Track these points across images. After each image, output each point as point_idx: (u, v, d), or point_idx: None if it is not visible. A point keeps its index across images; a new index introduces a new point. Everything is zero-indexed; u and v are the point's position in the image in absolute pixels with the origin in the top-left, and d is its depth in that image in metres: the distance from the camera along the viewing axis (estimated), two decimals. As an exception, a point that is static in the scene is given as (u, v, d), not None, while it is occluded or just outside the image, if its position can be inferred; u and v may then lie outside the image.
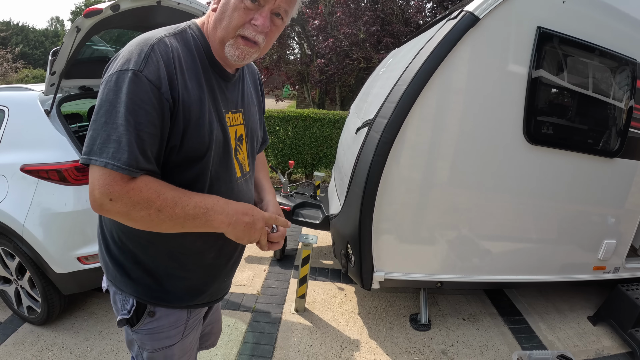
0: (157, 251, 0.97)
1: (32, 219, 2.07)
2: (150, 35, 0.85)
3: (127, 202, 0.78)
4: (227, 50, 0.89)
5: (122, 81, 0.77)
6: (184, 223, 0.84)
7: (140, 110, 0.77)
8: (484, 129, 2.16)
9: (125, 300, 1.02)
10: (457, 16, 2.04)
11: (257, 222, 0.93)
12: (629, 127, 2.35)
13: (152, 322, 1.03)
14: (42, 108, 2.21)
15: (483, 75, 2.11)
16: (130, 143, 0.77)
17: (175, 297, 1.02)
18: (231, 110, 1.00)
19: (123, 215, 0.80)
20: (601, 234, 2.55)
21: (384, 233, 2.24)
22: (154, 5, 2.22)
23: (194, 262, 1.01)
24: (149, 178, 0.81)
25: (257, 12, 0.86)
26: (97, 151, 0.77)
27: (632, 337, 2.41)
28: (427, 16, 8.83)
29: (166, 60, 0.82)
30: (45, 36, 39.91)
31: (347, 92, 10.70)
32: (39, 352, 2.17)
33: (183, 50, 0.87)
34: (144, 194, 0.79)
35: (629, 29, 2.30)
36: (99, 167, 0.77)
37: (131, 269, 0.99)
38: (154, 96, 0.79)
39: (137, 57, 0.79)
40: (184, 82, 0.85)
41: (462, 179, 2.22)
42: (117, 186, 0.77)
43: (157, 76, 0.79)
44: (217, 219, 0.86)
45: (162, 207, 0.80)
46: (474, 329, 2.60)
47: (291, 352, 2.29)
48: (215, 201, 0.87)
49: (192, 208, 0.83)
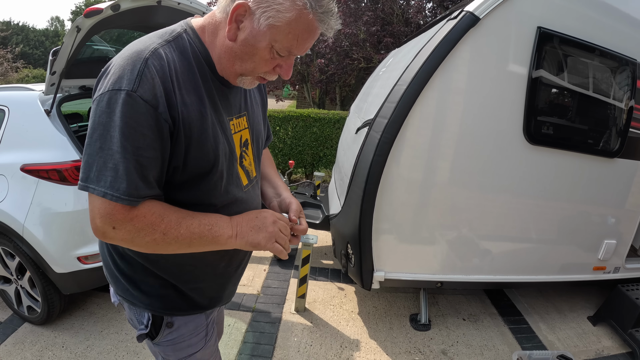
0: (167, 264, 0.94)
1: (32, 219, 2.07)
2: (142, 46, 0.77)
3: (131, 230, 0.76)
4: (240, 80, 0.87)
5: (114, 103, 0.72)
6: (190, 242, 0.81)
7: (136, 134, 0.72)
8: (484, 129, 2.16)
9: (140, 314, 1.00)
10: (457, 16, 2.04)
11: (266, 220, 0.89)
12: (629, 127, 2.35)
13: (171, 332, 1.01)
14: (42, 108, 2.21)
15: (483, 75, 2.10)
16: (128, 171, 0.73)
17: (189, 305, 1.01)
18: (235, 116, 0.95)
19: (127, 242, 0.79)
20: (601, 234, 2.55)
21: (384, 233, 2.24)
22: (154, 5, 2.22)
23: (205, 273, 1.00)
24: (151, 202, 0.79)
25: (283, 60, 0.83)
26: (94, 179, 0.73)
27: (632, 337, 2.41)
28: (427, 16, 8.83)
29: (162, 76, 0.75)
30: (45, 36, 39.92)
31: (347, 92, 10.70)
32: (39, 352, 2.17)
33: (180, 60, 0.81)
34: (148, 219, 0.77)
35: (629, 29, 2.30)
36: (101, 198, 0.74)
37: (142, 281, 0.96)
38: (151, 117, 0.73)
39: (130, 74, 0.72)
40: (182, 98, 0.79)
41: (462, 179, 2.22)
42: (119, 215, 0.75)
43: (153, 95, 0.73)
44: (222, 232, 0.84)
45: (166, 229, 0.78)
46: (474, 329, 2.60)
47: (291, 352, 2.29)
48: (218, 217, 0.86)
49: (197, 225, 0.81)
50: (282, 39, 0.77)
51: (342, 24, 9.49)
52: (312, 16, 0.76)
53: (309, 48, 0.84)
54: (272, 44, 0.78)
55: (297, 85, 10.84)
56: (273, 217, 0.90)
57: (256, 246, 0.87)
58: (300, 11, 0.74)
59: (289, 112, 5.76)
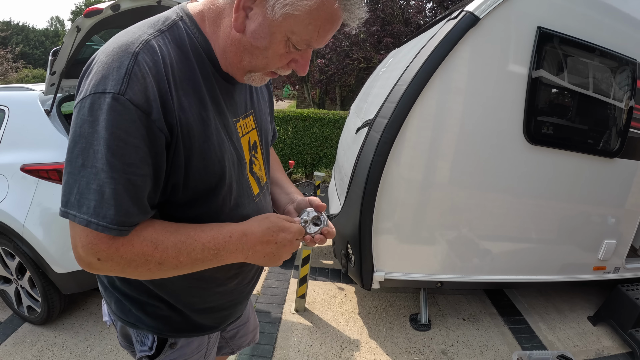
0: (173, 287, 0.84)
1: (32, 219, 2.07)
2: (131, 38, 0.64)
3: (119, 261, 0.65)
4: (249, 77, 0.75)
5: (98, 109, 0.59)
6: (192, 268, 0.71)
7: (126, 147, 0.60)
8: (484, 129, 2.16)
9: (142, 335, 0.91)
10: (457, 16, 2.04)
11: (283, 249, 0.78)
12: (629, 127, 2.35)
13: (173, 352, 0.93)
14: (42, 108, 2.21)
15: (483, 75, 2.11)
16: (116, 193, 0.60)
17: (197, 327, 0.93)
18: (241, 116, 0.83)
19: (118, 272, 0.67)
20: (601, 234, 2.55)
21: (384, 233, 2.24)
22: (154, 5, 2.22)
23: (214, 292, 0.90)
24: (141, 226, 0.66)
25: (299, 54, 0.71)
26: (75, 203, 0.61)
27: (632, 337, 2.41)
28: (427, 16, 8.83)
29: (156, 75, 0.62)
30: (45, 36, 39.95)
31: (347, 92, 10.71)
32: (39, 352, 2.17)
33: (176, 54, 0.67)
34: (138, 248, 0.65)
35: (629, 29, 2.30)
36: (85, 228, 0.62)
37: (147, 304, 0.86)
38: (143, 125, 0.61)
39: (116, 73, 0.59)
40: (180, 101, 0.66)
41: (462, 179, 2.22)
42: (103, 245, 0.63)
43: (145, 98, 0.60)
44: (230, 257, 0.73)
45: (163, 259, 0.67)
46: (474, 329, 2.60)
47: (291, 352, 2.29)
48: (227, 237, 0.72)
49: (200, 252, 0.69)
50: (300, 30, 0.65)
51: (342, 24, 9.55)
52: (337, 5, 0.64)
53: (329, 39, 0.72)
54: (289, 36, 0.66)
55: (297, 85, 10.85)
56: (290, 244, 0.79)
57: (260, 265, 0.82)
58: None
59: (289, 112, 5.76)
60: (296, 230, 0.79)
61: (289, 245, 0.78)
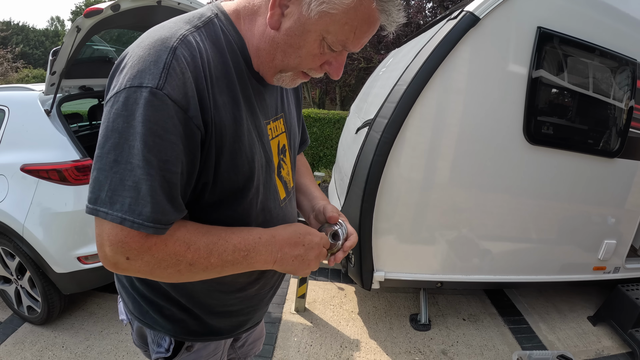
0: (192, 289, 0.83)
1: (32, 219, 2.07)
2: (168, 33, 0.62)
3: (149, 260, 0.62)
4: (279, 78, 0.73)
5: (134, 103, 0.57)
6: (221, 271, 0.70)
7: (164, 143, 0.58)
8: (484, 129, 2.16)
9: (158, 336, 0.90)
10: (457, 16, 2.04)
11: (311, 252, 0.78)
12: (629, 127, 2.35)
13: (190, 355, 0.92)
14: (42, 108, 2.21)
15: (483, 75, 2.10)
16: (153, 191, 0.58)
17: (215, 332, 0.92)
18: (272, 119, 0.81)
19: (145, 273, 0.64)
20: (601, 234, 2.55)
21: (384, 233, 2.24)
22: (154, 5, 2.22)
23: (234, 297, 0.88)
24: (175, 226, 0.64)
25: (333, 56, 0.69)
26: (107, 200, 0.59)
27: (632, 337, 2.41)
28: (427, 16, 8.84)
29: (194, 70, 0.61)
30: (45, 36, 39.95)
31: (347, 92, 10.71)
32: (39, 352, 2.17)
33: (212, 51, 0.66)
34: (170, 248, 0.63)
35: (629, 29, 2.30)
36: (115, 225, 0.60)
37: (164, 306, 0.85)
38: (180, 122, 0.59)
39: (154, 67, 0.58)
40: (215, 99, 0.64)
41: (462, 179, 2.22)
42: (134, 244, 0.60)
43: (183, 94, 0.59)
44: (260, 259, 0.72)
45: (194, 260, 0.65)
46: (474, 329, 2.60)
47: (291, 352, 2.29)
48: (257, 238, 0.71)
49: (231, 253, 0.68)
50: (336, 30, 0.64)
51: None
52: (375, 5, 0.62)
53: (365, 44, 0.69)
54: (324, 36, 0.65)
55: (297, 85, 10.84)
56: (318, 248, 0.79)
57: (289, 272, 0.79)
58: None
59: (289, 112, 5.76)
60: (322, 236, 0.82)
61: (317, 249, 0.78)
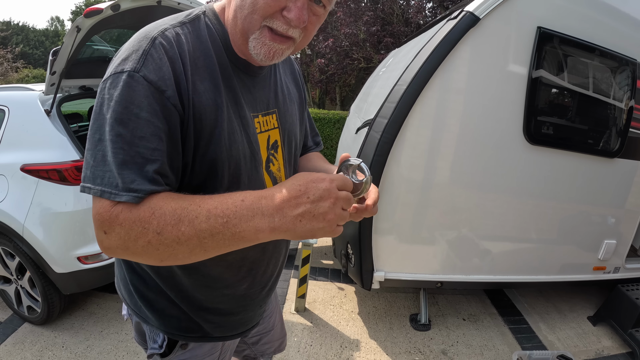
0: (180, 282, 0.83)
1: (32, 219, 2.07)
2: (153, 27, 0.68)
3: (120, 231, 0.60)
4: (252, 46, 0.70)
5: (114, 86, 0.61)
6: (202, 245, 0.60)
7: (138, 120, 0.60)
8: (484, 129, 2.16)
9: (154, 332, 0.91)
10: (457, 16, 2.04)
11: (322, 203, 0.59)
12: (629, 127, 2.35)
13: (184, 353, 0.92)
14: (42, 108, 2.21)
15: (483, 75, 2.11)
16: (126, 163, 0.60)
17: (206, 332, 0.91)
18: (261, 113, 0.82)
19: (123, 250, 0.62)
20: (601, 234, 2.55)
21: (384, 233, 2.24)
22: (154, 5, 2.22)
23: (223, 294, 0.87)
24: (149, 196, 0.62)
25: (289, 0, 0.66)
26: (90, 176, 0.61)
27: (632, 337, 2.41)
28: (427, 16, 8.84)
29: (171, 56, 0.64)
30: (45, 36, 39.93)
31: (347, 92, 10.72)
32: (39, 352, 2.17)
33: (194, 42, 0.70)
34: (135, 214, 0.59)
35: (629, 29, 2.30)
36: (96, 198, 0.61)
37: (156, 300, 0.85)
38: (156, 101, 0.62)
39: (134, 54, 0.63)
40: (194, 84, 0.67)
41: (462, 179, 2.22)
42: (106, 213, 0.60)
43: (159, 76, 0.62)
44: (247, 227, 0.59)
45: (161, 228, 0.59)
46: (474, 329, 2.60)
47: (291, 352, 2.29)
48: (238, 201, 0.60)
49: (205, 220, 0.59)
50: None
51: (342, 24, 9.48)
52: None
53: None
54: None
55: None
56: (330, 194, 0.59)
57: (310, 237, 0.62)
58: None
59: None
60: (335, 178, 0.61)
61: (330, 197, 0.59)
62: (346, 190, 0.62)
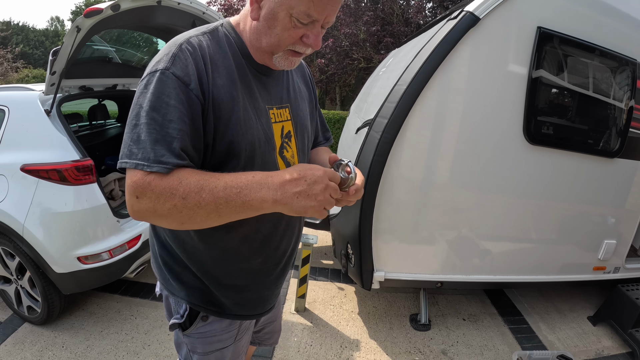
0: (202, 257, 0.95)
1: (32, 219, 2.07)
2: (180, 36, 0.85)
3: (151, 196, 0.73)
4: (276, 61, 0.89)
5: (150, 83, 0.77)
6: (217, 210, 0.75)
7: (168, 107, 0.75)
8: (484, 129, 2.16)
9: (178, 304, 1.02)
10: (457, 16, 2.04)
11: (315, 186, 0.75)
12: (629, 127, 2.35)
13: (204, 326, 1.03)
14: (42, 108, 2.21)
15: (483, 75, 2.10)
16: (156, 141, 0.74)
17: (226, 306, 1.02)
18: (276, 106, 0.96)
19: (151, 212, 0.75)
20: (601, 234, 2.55)
21: (384, 233, 2.24)
22: (154, 5, 2.22)
23: (239, 269, 0.99)
24: (175, 169, 0.76)
25: (307, 29, 0.83)
26: (128, 153, 0.75)
27: (632, 337, 2.41)
28: (427, 16, 8.84)
29: (195, 58, 0.80)
30: (45, 36, 39.94)
31: (347, 92, 10.72)
32: (39, 352, 2.17)
33: (213, 47, 0.85)
34: (165, 182, 0.74)
35: (629, 29, 2.30)
36: (130, 170, 0.75)
37: (182, 273, 0.99)
38: (182, 92, 0.77)
39: (166, 57, 0.79)
40: (214, 80, 0.82)
41: (462, 179, 2.22)
42: (140, 181, 0.74)
43: (185, 73, 0.78)
44: (255, 197, 0.75)
45: (186, 193, 0.73)
46: (474, 329, 2.60)
47: (291, 352, 2.29)
48: (250, 177, 0.76)
49: (222, 189, 0.74)
50: (296, 4, 0.78)
51: (342, 24, 9.48)
52: None
53: (334, 14, 0.83)
54: (290, 12, 0.79)
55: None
56: (322, 181, 0.77)
57: (302, 214, 0.78)
58: None
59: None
60: (327, 170, 0.79)
61: (322, 183, 0.76)
62: (334, 182, 0.79)
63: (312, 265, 3.12)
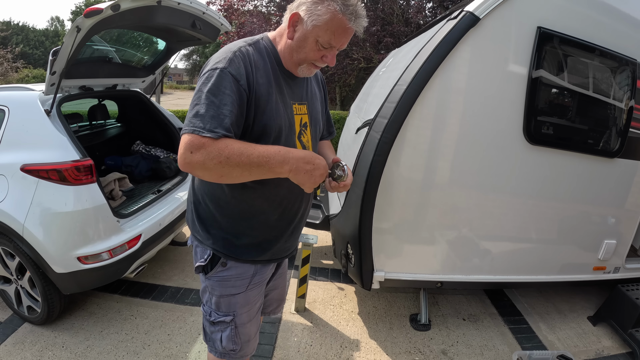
0: (231, 212, 1.24)
1: (32, 219, 2.07)
2: (233, 45, 1.15)
3: (203, 152, 0.98)
4: (300, 71, 1.20)
5: (211, 76, 1.05)
6: (250, 170, 1.02)
7: (223, 94, 1.03)
8: (484, 129, 2.16)
9: (203, 251, 1.30)
10: (457, 16, 2.04)
11: (317, 170, 1.09)
12: (629, 127, 2.35)
13: (223, 271, 1.30)
14: (42, 108, 2.21)
15: (483, 75, 2.10)
16: (212, 116, 1.00)
17: (243, 252, 1.28)
18: (297, 102, 1.26)
19: (201, 164, 0.99)
20: (601, 234, 2.55)
21: (384, 233, 2.24)
22: (154, 5, 2.22)
23: (260, 222, 1.26)
24: (223, 138, 1.01)
25: (327, 51, 1.15)
26: (188, 124, 1.01)
27: (632, 337, 2.41)
28: (427, 16, 8.84)
29: (245, 62, 1.09)
30: (45, 36, 39.93)
31: (347, 92, 10.72)
32: (39, 352, 2.17)
33: (256, 55, 1.15)
34: (215, 145, 0.99)
35: (629, 29, 2.30)
36: (188, 134, 1.00)
37: (211, 225, 1.27)
38: (234, 86, 1.05)
39: (224, 59, 1.08)
40: (256, 79, 1.11)
41: (462, 179, 2.22)
42: (196, 141, 0.99)
43: (238, 72, 1.06)
44: (277, 165, 1.04)
45: (230, 155, 0.99)
46: (474, 329, 2.60)
47: (291, 352, 2.29)
48: (277, 150, 1.05)
49: (256, 157, 1.02)
50: (322, 34, 1.10)
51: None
52: (342, 16, 1.08)
53: (347, 42, 1.16)
54: (317, 39, 1.11)
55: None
56: (323, 169, 1.11)
57: (299, 184, 1.10)
58: (333, 14, 1.08)
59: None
60: (326, 164, 1.13)
61: (322, 170, 1.10)
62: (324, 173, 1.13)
63: (312, 265, 3.12)
